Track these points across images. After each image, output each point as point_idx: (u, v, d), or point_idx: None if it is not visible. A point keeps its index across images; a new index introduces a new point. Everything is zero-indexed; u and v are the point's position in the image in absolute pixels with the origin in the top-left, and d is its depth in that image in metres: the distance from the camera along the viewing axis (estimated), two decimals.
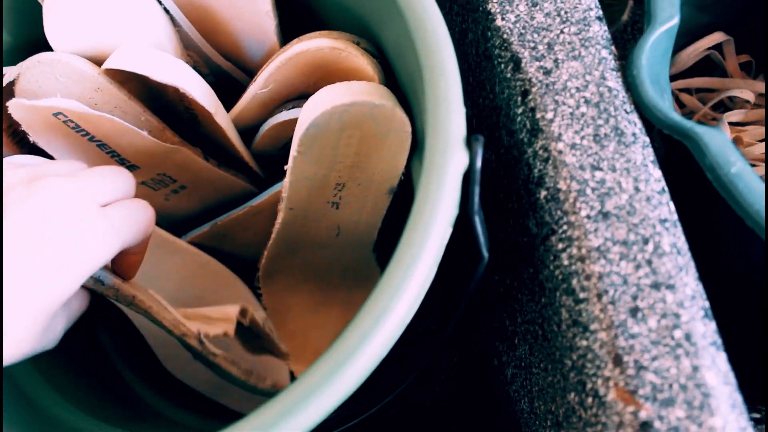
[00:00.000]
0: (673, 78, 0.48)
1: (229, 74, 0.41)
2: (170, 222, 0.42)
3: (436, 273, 0.25)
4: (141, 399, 0.44)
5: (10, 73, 0.36)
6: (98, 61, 0.37)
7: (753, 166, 0.44)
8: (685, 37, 0.46)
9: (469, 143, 0.27)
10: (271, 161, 0.41)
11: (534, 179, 0.31)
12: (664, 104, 0.32)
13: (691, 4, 0.42)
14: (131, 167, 0.39)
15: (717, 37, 0.46)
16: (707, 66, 0.48)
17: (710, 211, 0.34)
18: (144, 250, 0.32)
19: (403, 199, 0.38)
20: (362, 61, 0.34)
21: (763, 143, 0.44)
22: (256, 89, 0.37)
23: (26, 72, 0.35)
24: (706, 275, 0.29)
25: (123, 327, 0.44)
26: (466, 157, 0.27)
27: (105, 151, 0.38)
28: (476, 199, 0.28)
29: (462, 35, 0.41)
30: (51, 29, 0.36)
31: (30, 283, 0.24)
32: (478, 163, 0.27)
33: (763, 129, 0.45)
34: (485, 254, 0.29)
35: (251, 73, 0.40)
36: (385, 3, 0.32)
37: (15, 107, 0.34)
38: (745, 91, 0.46)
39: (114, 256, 0.28)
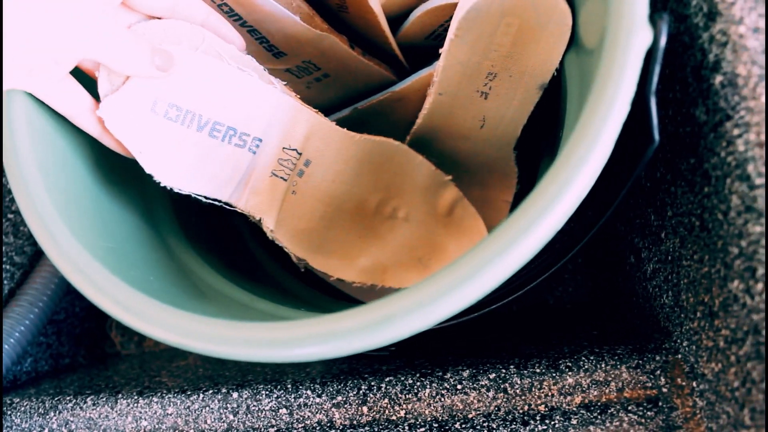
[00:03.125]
0: None
1: None
2: None
3: None
4: (269, 274, 0.46)
5: None
6: None
7: None
8: None
9: (653, 21, 0.27)
10: (415, 52, 0.40)
11: (708, 65, 0.30)
12: None
13: None
14: (279, 54, 0.40)
15: None
16: None
17: None
18: None
19: (548, 99, 0.37)
20: None
21: None
22: None
23: None
24: None
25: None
26: (650, 35, 0.27)
27: (254, 37, 0.39)
28: (655, 78, 0.27)
29: None
30: None
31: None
32: (663, 42, 0.27)
33: None
34: (657, 137, 0.29)
35: None
36: None
37: None
38: None
39: None
